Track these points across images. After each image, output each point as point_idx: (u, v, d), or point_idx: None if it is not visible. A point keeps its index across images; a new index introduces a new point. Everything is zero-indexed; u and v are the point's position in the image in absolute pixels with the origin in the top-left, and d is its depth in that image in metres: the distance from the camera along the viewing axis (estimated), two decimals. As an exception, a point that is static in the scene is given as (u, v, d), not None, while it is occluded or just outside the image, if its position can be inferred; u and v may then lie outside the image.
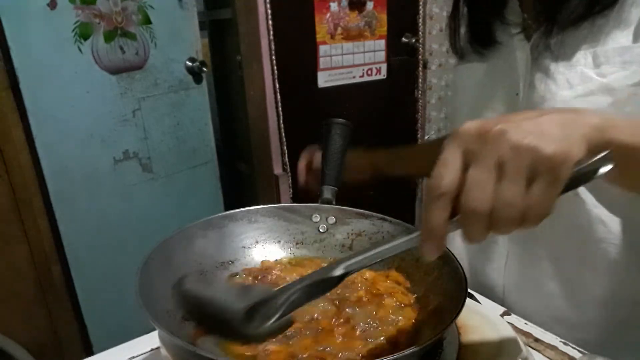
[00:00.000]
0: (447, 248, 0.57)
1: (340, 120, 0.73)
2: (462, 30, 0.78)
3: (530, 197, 0.34)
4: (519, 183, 0.34)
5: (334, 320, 0.53)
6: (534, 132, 0.35)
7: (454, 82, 0.83)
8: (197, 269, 0.58)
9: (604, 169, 0.35)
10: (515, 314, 0.68)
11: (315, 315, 0.54)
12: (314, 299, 0.41)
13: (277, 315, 0.40)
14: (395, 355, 0.41)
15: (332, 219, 0.68)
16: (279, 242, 0.67)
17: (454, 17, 0.78)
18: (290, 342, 0.50)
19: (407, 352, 0.42)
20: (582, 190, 0.63)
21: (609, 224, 0.63)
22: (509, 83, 0.69)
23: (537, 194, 0.34)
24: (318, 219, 0.68)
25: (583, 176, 0.36)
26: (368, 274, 0.63)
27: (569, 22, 0.61)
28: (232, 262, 0.63)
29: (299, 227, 0.67)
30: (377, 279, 0.62)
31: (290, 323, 0.42)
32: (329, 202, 0.69)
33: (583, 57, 0.61)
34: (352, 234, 0.68)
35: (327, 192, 0.69)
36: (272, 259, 0.65)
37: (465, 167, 0.36)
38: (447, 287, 0.53)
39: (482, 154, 0.35)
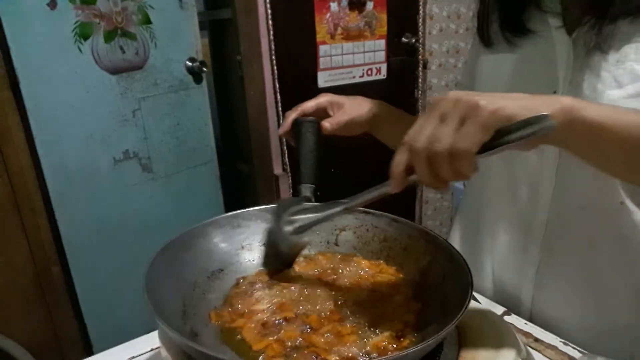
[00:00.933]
0: (444, 239, 0.58)
1: (309, 118, 0.73)
2: (493, 15, 0.71)
3: (457, 134, 0.42)
4: (450, 125, 0.42)
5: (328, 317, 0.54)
6: (481, 96, 0.42)
7: (476, 75, 0.75)
8: (192, 282, 0.57)
9: (540, 128, 0.41)
10: (545, 327, 0.65)
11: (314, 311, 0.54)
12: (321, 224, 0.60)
13: (297, 225, 0.59)
14: (396, 355, 0.41)
15: None
16: (263, 244, 0.66)
17: (483, 0, 0.72)
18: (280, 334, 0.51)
19: (407, 351, 0.42)
20: (629, 200, 0.60)
21: None
22: (545, 79, 0.64)
23: (463, 132, 0.42)
24: None
25: (519, 131, 0.42)
26: (364, 262, 0.64)
27: (623, 14, 0.55)
28: (222, 270, 0.62)
29: None
30: (374, 268, 0.63)
31: (305, 244, 0.63)
32: (308, 200, 0.68)
33: (634, 52, 0.55)
34: (336, 230, 0.68)
35: (306, 190, 0.69)
36: (258, 263, 0.64)
37: None
38: (452, 289, 0.52)
39: (435, 110, 0.44)
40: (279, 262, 0.63)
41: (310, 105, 0.76)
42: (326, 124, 0.74)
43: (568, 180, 0.64)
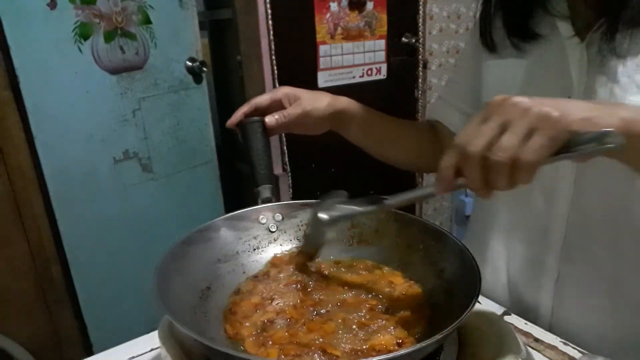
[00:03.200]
0: (416, 216, 0.59)
1: (254, 118, 0.71)
2: (496, 19, 0.69)
3: (523, 146, 0.40)
4: (516, 134, 0.40)
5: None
6: (549, 104, 0.40)
7: (484, 80, 0.72)
8: (190, 307, 0.55)
9: (607, 144, 0.39)
10: (565, 338, 0.63)
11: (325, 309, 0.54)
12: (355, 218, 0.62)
13: (332, 213, 0.58)
14: (395, 354, 0.41)
15: (278, 216, 0.68)
16: (237, 253, 0.64)
17: (486, 4, 0.70)
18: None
19: (407, 351, 0.42)
20: None
21: None
22: (559, 84, 0.61)
23: (531, 144, 0.40)
24: (265, 220, 0.67)
25: (584, 145, 0.40)
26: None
27: (638, 19, 0.53)
28: (209, 288, 0.60)
29: (250, 233, 0.66)
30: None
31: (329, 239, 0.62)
32: (269, 200, 0.68)
33: None
34: (302, 225, 0.68)
35: (265, 191, 0.68)
36: (239, 272, 0.63)
37: None
38: (456, 290, 0.52)
39: (496, 114, 0.41)
40: (307, 246, 0.65)
41: (264, 98, 0.73)
42: (271, 118, 0.71)
43: (588, 189, 0.61)
